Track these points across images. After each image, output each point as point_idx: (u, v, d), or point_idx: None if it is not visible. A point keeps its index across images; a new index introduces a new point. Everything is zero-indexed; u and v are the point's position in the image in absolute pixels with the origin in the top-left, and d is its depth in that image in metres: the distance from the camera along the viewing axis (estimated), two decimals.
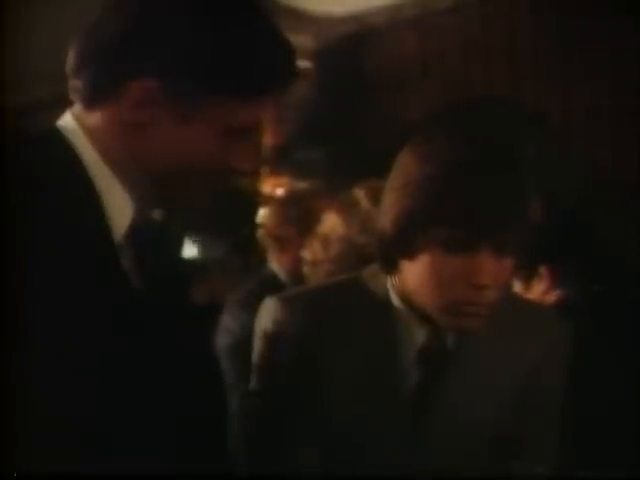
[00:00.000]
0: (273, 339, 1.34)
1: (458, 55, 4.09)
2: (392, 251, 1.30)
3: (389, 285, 1.35)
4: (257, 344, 1.37)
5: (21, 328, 0.95)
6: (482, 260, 1.23)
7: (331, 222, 2.15)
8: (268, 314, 1.36)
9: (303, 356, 1.32)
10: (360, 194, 2.03)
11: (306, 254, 2.29)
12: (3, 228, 0.97)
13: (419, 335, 1.32)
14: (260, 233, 2.78)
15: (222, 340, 2.46)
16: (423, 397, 1.34)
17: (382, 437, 1.33)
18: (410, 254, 1.27)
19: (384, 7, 4.22)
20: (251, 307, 2.41)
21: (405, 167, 1.28)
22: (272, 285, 2.56)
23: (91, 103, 1.10)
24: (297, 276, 2.60)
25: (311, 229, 2.63)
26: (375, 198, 1.89)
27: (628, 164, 3.51)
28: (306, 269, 2.29)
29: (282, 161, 4.32)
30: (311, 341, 1.32)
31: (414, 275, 1.28)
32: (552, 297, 2.10)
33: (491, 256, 1.23)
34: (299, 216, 2.66)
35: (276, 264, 2.69)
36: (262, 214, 2.79)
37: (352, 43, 4.44)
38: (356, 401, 1.33)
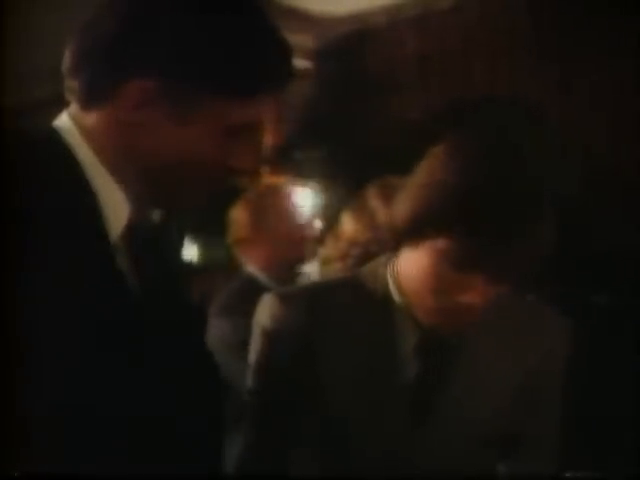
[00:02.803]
0: (271, 336, 1.34)
1: (459, 55, 4.09)
2: (400, 238, 1.31)
3: (389, 275, 1.35)
4: (255, 340, 1.37)
5: (19, 328, 0.95)
6: (476, 282, 1.22)
7: (344, 222, 2.16)
8: (266, 311, 1.36)
9: (301, 353, 1.32)
10: (371, 193, 2.04)
11: (322, 252, 2.31)
12: (1, 228, 0.97)
13: (417, 328, 1.32)
14: (229, 237, 2.76)
15: (212, 345, 2.45)
16: (422, 396, 1.34)
17: (381, 436, 1.33)
18: (414, 248, 1.27)
19: (384, 7, 4.21)
20: (235, 311, 2.42)
21: (432, 167, 1.27)
22: (251, 287, 2.56)
23: (88, 103, 1.09)
24: (274, 273, 2.60)
25: (271, 225, 2.63)
26: (386, 196, 1.91)
27: (629, 162, 3.50)
28: (320, 268, 2.31)
29: (282, 161, 4.31)
30: (309, 338, 1.33)
31: (411, 271, 1.29)
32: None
33: (485, 281, 1.22)
34: (264, 214, 2.66)
35: (251, 265, 2.68)
36: (232, 216, 2.76)
37: (352, 43, 4.43)
38: (355, 399, 1.32)
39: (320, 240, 2.47)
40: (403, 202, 1.29)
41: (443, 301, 1.25)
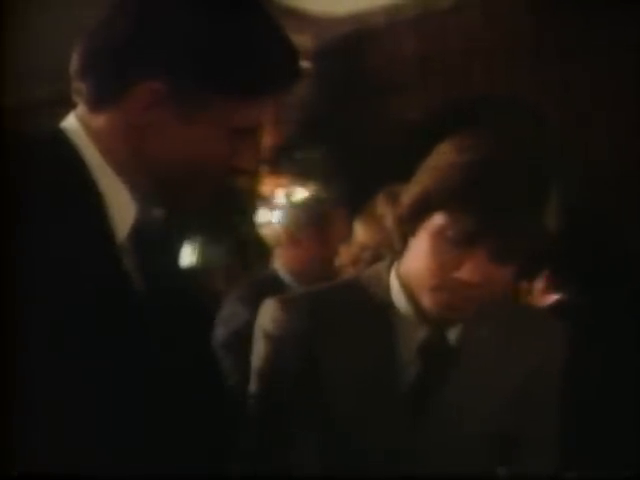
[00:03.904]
0: (273, 340, 1.34)
1: (459, 55, 4.09)
2: (405, 227, 1.31)
3: (393, 277, 1.35)
4: (256, 344, 1.37)
5: (22, 328, 0.95)
6: (474, 259, 1.23)
7: (356, 229, 2.18)
8: (268, 315, 1.36)
9: (302, 357, 1.32)
10: (380, 200, 2.06)
11: (336, 261, 2.34)
12: (5, 228, 0.97)
13: (421, 331, 1.33)
14: (274, 230, 2.79)
15: (219, 335, 2.46)
16: (423, 397, 1.34)
17: (382, 437, 1.33)
18: (416, 233, 1.28)
19: (384, 7, 4.21)
20: (252, 304, 2.42)
21: (442, 153, 1.29)
22: (273, 284, 2.58)
23: (96, 105, 1.10)
24: (301, 277, 2.62)
25: (326, 233, 2.67)
26: (393, 202, 1.92)
27: (629, 162, 3.51)
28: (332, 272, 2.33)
29: (282, 161, 4.31)
30: (311, 342, 1.33)
31: (414, 258, 1.29)
32: (550, 299, 2.10)
33: (485, 258, 1.23)
34: (318, 219, 2.69)
35: (281, 264, 2.70)
36: (281, 214, 2.81)
37: (352, 43, 4.43)
38: (356, 403, 1.33)
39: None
40: (407, 191, 1.31)
41: (442, 279, 1.25)
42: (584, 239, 2.11)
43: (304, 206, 2.79)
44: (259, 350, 1.37)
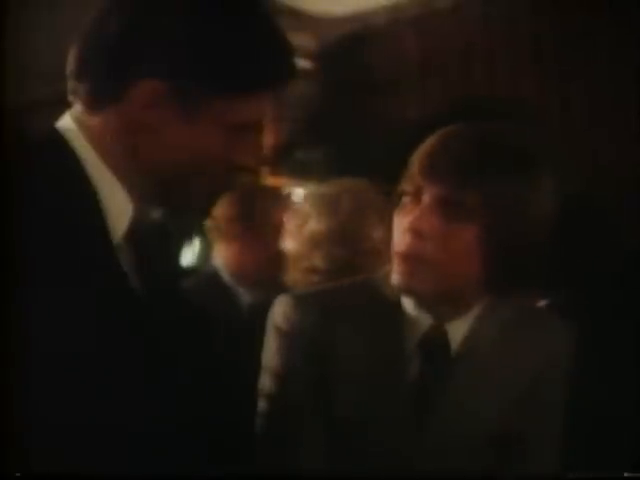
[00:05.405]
0: (283, 335, 1.35)
1: (458, 55, 4.09)
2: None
3: None
4: (268, 340, 1.38)
5: (21, 328, 0.95)
6: (420, 206, 1.25)
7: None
8: (280, 310, 1.37)
9: (312, 354, 1.33)
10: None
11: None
12: (2, 229, 0.97)
13: (422, 326, 1.33)
14: (208, 225, 2.64)
15: None
16: (425, 396, 1.35)
17: (386, 437, 1.33)
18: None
19: (384, 7, 4.21)
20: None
21: (426, 143, 1.31)
22: (212, 283, 2.49)
23: (94, 105, 1.10)
24: (239, 274, 2.50)
25: (261, 226, 2.54)
26: (321, 204, 1.89)
27: (629, 163, 3.50)
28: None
29: (282, 161, 4.31)
30: (320, 340, 1.34)
31: None
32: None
33: (429, 204, 1.25)
34: (249, 212, 2.53)
35: (220, 260, 2.55)
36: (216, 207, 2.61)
37: (352, 43, 4.43)
38: (362, 401, 1.33)
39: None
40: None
41: (401, 240, 1.28)
42: (575, 241, 2.11)
43: (233, 197, 2.60)
44: (270, 345, 1.38)
